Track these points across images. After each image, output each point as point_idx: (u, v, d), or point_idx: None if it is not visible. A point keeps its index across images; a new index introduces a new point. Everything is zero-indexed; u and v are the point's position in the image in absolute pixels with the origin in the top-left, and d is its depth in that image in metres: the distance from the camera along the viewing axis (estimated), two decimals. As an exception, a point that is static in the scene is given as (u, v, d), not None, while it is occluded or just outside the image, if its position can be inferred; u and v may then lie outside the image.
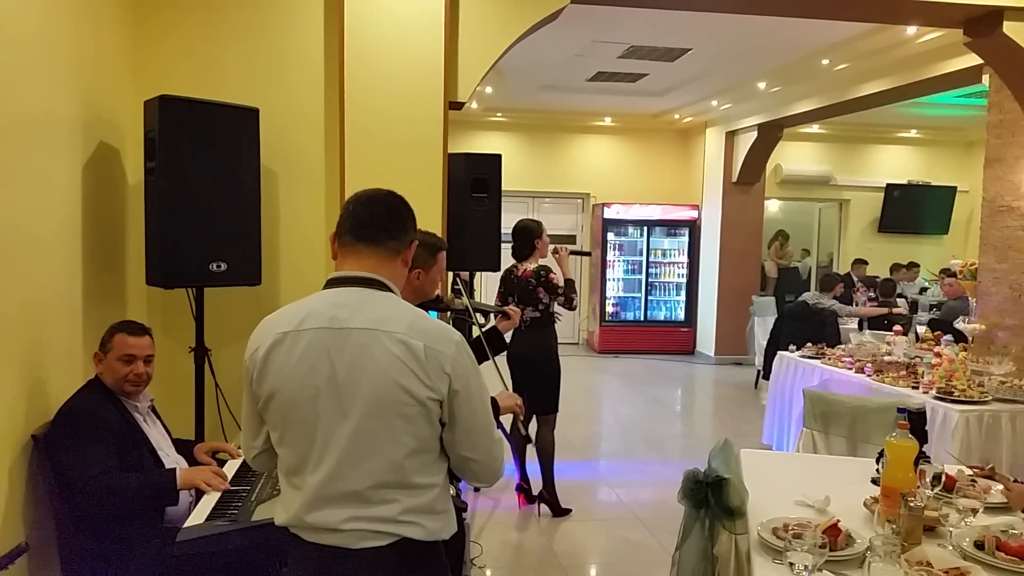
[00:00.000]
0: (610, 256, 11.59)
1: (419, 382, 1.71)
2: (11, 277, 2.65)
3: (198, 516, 2.48)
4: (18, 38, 2.73)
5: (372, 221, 1.86)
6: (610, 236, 11.55)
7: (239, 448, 3.27)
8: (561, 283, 4.85)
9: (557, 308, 4.95)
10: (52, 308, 3.03)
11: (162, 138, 3.36)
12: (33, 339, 2.84)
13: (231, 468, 2.99)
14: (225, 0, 4.02)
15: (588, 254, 11.16)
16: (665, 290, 11.82)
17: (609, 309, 11.66)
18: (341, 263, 1.87)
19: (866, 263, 10.50)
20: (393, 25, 3.96)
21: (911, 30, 6.30)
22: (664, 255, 11.78)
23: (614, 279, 11.71)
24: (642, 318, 11.75)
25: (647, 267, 11.72)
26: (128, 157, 3.84)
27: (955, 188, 11.98)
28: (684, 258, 11.67)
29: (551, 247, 5.04)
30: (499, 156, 4.82)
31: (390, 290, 1.85)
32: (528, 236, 4.96)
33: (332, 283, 1.84)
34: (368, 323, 1.74)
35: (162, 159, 3.37)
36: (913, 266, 10.54)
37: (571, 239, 11.95)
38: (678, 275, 11.75)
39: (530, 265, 4.90)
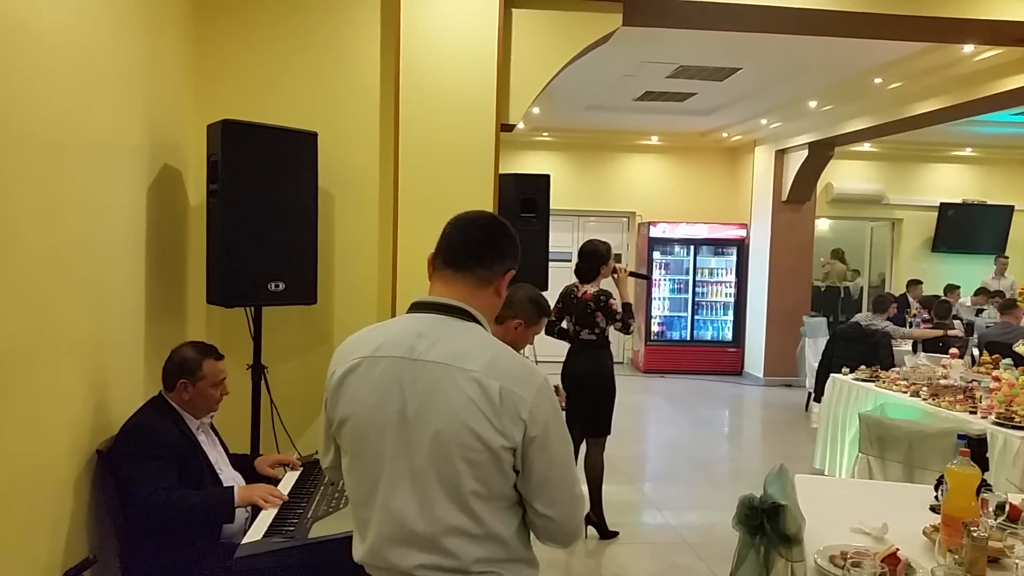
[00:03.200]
0: (655, 275, 11.52)
1: (491, 427, 1.59)
2: (79, 296, 2.75)
3: (255, 533, 2.54)
4: (96, 67, 2.85)
5: (464, 247, 1.77)
6: (656, 255, 11.49)
7: (298, 459, 3.35)
8: (620, 308, 4.83)
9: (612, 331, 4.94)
10: (117, 325, 3.13)
11: (225, 161, 3.46)
12: (99, 356, 2.93)
13: (287, 483, 3.05)
14: (283, 27, 4.13)
15: (648, 277, 11.02)
16: (712, 310, 11.70)
17: (655, 328, 11.58)
18: (432, 288, 1.79)
19: (921, 283, 10.27)
20: (447, 50, 4.04)
21: (968, 48, 6.20)
22: (711, 274, 11.67)
23: (660, 298, 11.63)
24: (688, 338, 11.64)
25: (694, 286, 11.63)
26: (191, 179, 3.96)
27: (1012, 207, 11.69)
28: (732, 277, 11.55)
29: (612, 267, 4.98)
30: (547, 176, 4.84)
31: (476, 321, 1.74)
32: (596, 261, 4.92)
33: (416, 307, 1.77)
34: (445, 357, 1.65)
35: (224, 181, 3.47)
36: (953, 288, 10.27)
37: (616, 258, 11.90)
38: (725, 294, 11.63)
39: (591, 288, 4.88)
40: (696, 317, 11.68)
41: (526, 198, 4.80)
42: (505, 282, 1.81)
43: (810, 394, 8.71)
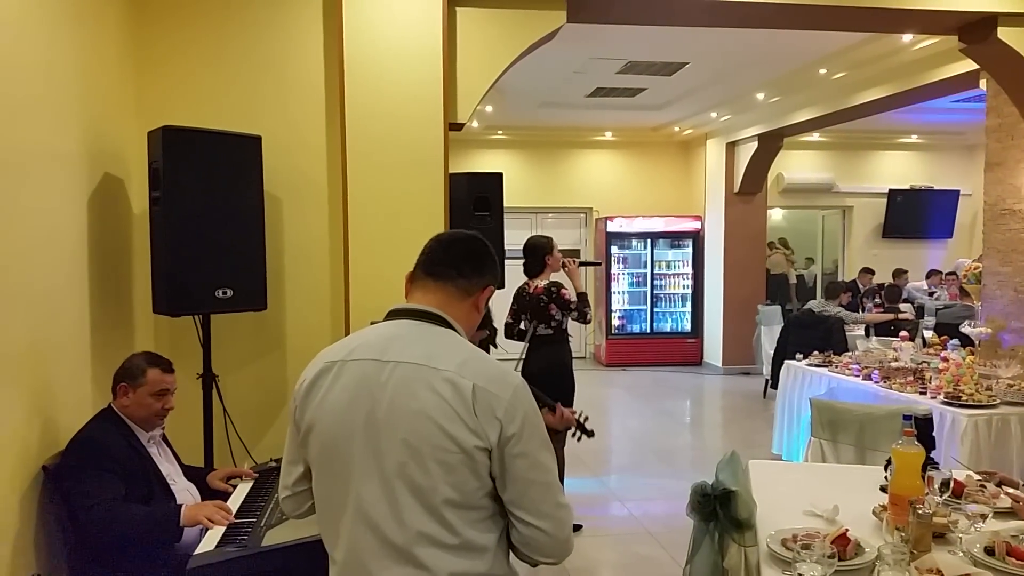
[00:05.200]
0: (614, 269, 11.61)
1: (464, 427, 1.56)
2: (20, 309, 2.68)
3: (209, 543, 2.50)
4: (24, 73, 2.77)
5: (445, 258, 1.79)
6: (614, 249, 11.57)
7: (253, 467, 3.30)
8: (573, 298, 4.86)
9: (570, 324, 4.95)
10: (61, 339, 3.06)
11: (166, 168, 3.40)
12: (43, 370, 2.87)
13: (240, 494, 3.00)
14: (226, 30, 4.07)
15: (598, 264, 11.15)
16: (670, 301, 11.82)
17: (615, 322, 11.66)
18: (411, 297, 1.80)
19: (872, 272, 10.47)
20: (392, 50, 4.01)
21: (907, 38, 6.33)
22: (668, 267, 11.79)
23: (619, 292, 11.72)
24: (648, 330, 11.75)
25: (652, 279, 11.74)
26: (133, 187, 3.88)
27: (958, 192, 11.97)
28: (688, 269, 11.68)
29: (560, 261, 5.04)
30: (500, 175, 4.84)
31: (453, 328, 1.74)
32: (539, 253, 4.98)
33: (392, 315, 1.78)
34: (417, 358, 1.63)
35: (166, 189, 3.41)
36: (902, 272, 10.52)
37: (575, 253, 11.98)
38: (683, 286, 11.76)
39: (541, 282, 4.92)
40: (655, 309, 11.79)
41: (479, 196, 4.79)
42: (484, 297, 1.83)
43: (767, 381, 8.84)
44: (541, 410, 3.08)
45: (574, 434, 3.25)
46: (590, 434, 3.28)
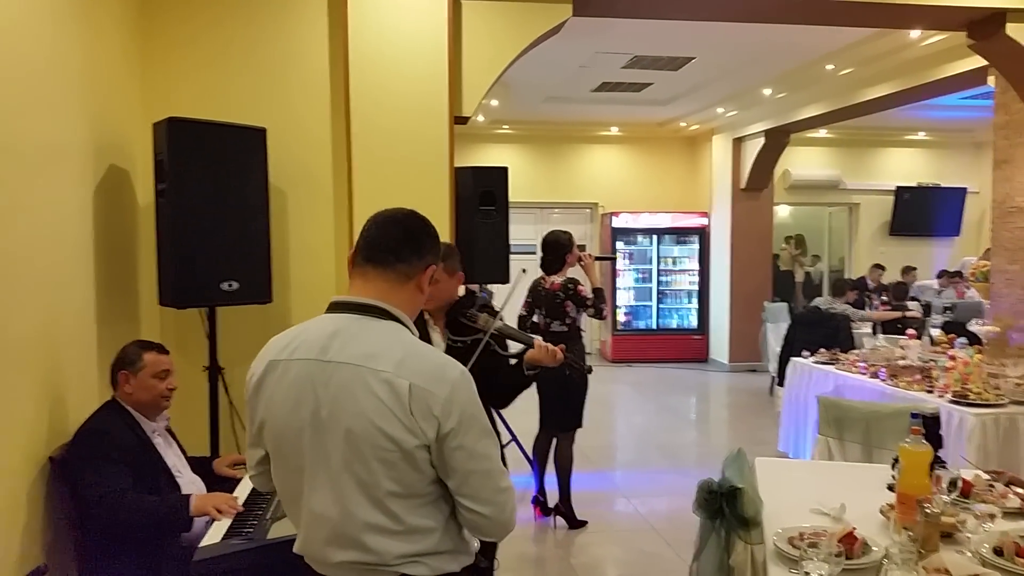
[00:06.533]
0: (620, 265, 11.58)
1: (402, 427, 1.60)
2: (27, 301, 2.68)
3: (215, 535, 2.49)
4: (29, 66, 2.76)
5: (383, 243, 1.77)
6: (620, 245, 11.54)
7: None
8: (590, 294, 4.83)
9: (584, 320, 4.93)
10: (67, 331, 3.06)
11: (171, 160, 3.40)
12: (50, 362, 2.87)
13: (246, 486, 2.99)
14: (230, 22, 4.07)
15: (613, 258, 11.08)
16: (677, 298, 11.79)
17: (621, 318, 11.64)
18: (351, 285, 1.79)
19: (883, 269, 10.43)
20: (397, 43, 4.00)
21: (915, 33, 6.30)
22: (675, 263, 11.76)
23: (625, 288, 11.70)
24: (654, 326, 11.73)
25: (658, 275, 11.71)
26: (138, 179, 3.88)
27: (965, 189, 11.92)
28: (695, 265, 11.65)
29: (577, 256, 4.99)
30: (505, 169, 4.83)
31: (395, 318, 1.75)
32: (560, 250, 4.94)
33: (333, 307, 1.77)
34: (355, 358, 1.65)
35: (172, 180, 3.41)
36: (911, 270, 10.51)
37: (580, 249, 11.92)
38: (689, 283, 11.72)
39: (558, 278, 4.89)
40: (661, 306, 11.76)
41: (484, 191, 4.78)
42: (427, 277, 1.81)
43: (774, 378, 8.81)
44: (525, 350, 2.79)
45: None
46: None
